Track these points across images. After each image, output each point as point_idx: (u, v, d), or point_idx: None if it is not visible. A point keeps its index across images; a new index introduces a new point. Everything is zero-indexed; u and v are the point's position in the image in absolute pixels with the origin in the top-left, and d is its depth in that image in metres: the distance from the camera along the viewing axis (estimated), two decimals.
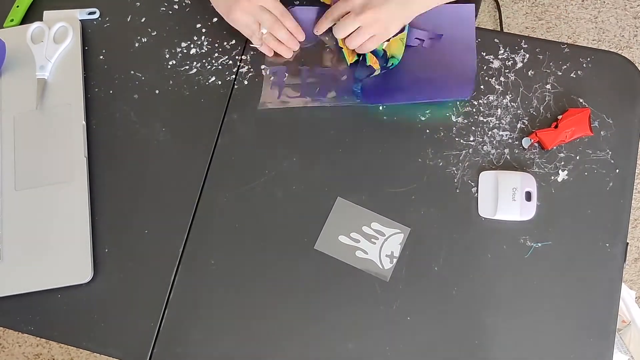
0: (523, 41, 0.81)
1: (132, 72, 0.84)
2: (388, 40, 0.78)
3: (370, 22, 0.73)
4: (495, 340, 0.70)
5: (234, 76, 0.83)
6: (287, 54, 0.82)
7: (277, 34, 0.79)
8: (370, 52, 0.78)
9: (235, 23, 0.79)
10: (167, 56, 0.84)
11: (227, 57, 0.84)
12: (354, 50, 0.79)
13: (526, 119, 0.78)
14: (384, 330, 0.71)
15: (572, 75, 0.79)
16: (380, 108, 0.79)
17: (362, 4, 0.73)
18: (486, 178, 0.76)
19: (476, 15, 0.85)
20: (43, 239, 0.76)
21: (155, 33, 0.86)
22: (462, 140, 0.78)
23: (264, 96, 0.81)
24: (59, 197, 0.77)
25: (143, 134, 0.81)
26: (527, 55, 0.80)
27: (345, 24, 0.75)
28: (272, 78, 0.81)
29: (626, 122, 0.77)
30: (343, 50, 0.80)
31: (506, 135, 0.78)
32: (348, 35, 0.76)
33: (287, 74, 0.81)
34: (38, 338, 1.48)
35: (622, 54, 0.82)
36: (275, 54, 0.82)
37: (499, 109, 0.79)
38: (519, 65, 0.80)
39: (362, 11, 0.73)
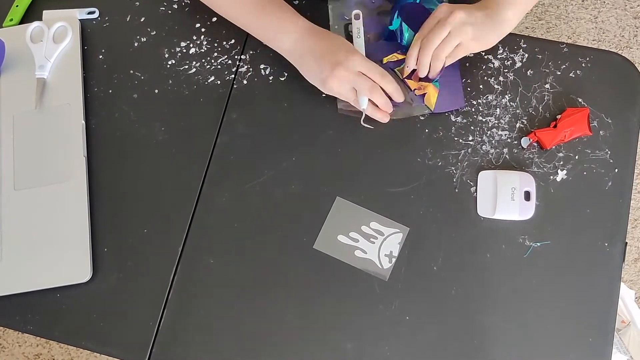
0: (522, 41, 0.81)
1: (131, 71, 0.84)
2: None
3: (458, 25, 0.72)
4: (494, 340, 0.70)
5: (233, 76, 0.83)
6: (384, 120, 0.77)
7: (375, 101, 0.76)
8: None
9: (331, 92, 0.76)
10: (167, 56, 0.84)
11: (226, 56, 0.84)
12: (419, 81, 0.79)
13: (525, 118, 0.78)
14: (383, 330, 0.71)
15: (571, 75, 0.79)
16: None
17: (449, 10, 0.73)
18: (485, 177, 0.76)
19: None
20: (42, 239, 0.76)
21: (154, 32, 0.86)
22: (461, 140, 0.78)
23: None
24: (58, 197, 0.77)
25: (142, 134, 0.81)
26: (526, 55, 0.80)
27: (435, 33, 0.73)
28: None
29: (625, 122, 0.77)
30: (406, 81, 0.80)
31: (505, 134, 0.78)
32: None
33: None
34: (38, 338, 1.48)
35: (622, 54, 0.82)
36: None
37: (498, 109, 0.79)
38: (518, 64, 0.80)
39: (451, 13, 0.72)
